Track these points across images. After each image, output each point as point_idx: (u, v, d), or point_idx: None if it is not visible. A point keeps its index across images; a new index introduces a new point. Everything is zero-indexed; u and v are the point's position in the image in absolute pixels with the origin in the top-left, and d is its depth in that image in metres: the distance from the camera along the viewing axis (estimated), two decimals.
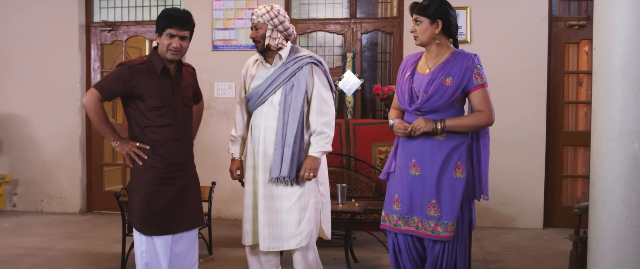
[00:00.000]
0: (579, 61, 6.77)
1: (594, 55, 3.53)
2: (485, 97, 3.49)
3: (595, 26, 3.54)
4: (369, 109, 7.17)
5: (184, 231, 3.88)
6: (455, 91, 3.46)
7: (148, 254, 3.79)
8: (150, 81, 3.71)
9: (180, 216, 3.82)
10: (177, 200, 3.80)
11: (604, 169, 3.41)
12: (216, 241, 5.77)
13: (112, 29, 7.52)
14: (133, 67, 3.71)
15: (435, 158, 3.48)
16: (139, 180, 3.76)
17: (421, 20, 3.52)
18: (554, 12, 6.66)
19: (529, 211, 6.58)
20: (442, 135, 3.48)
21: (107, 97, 3.71)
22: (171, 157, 3.76)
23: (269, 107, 3.95)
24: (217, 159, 6.97)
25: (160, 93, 3.71)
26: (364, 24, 7.05)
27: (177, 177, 3.80)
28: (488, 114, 3.49)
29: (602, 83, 3.44)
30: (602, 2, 3.46)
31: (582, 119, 6.77)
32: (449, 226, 3.45)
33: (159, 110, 3.70)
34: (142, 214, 3.74)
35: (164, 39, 3.70)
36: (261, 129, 3.96)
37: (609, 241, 3.39)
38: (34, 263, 5.27)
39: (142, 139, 3.74)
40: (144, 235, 3.77)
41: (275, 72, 3.95)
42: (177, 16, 3.70)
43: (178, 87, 3.82)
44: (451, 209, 3.46)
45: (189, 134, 3.95)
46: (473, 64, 3.49)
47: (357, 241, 5.48)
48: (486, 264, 5.21)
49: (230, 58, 7.00)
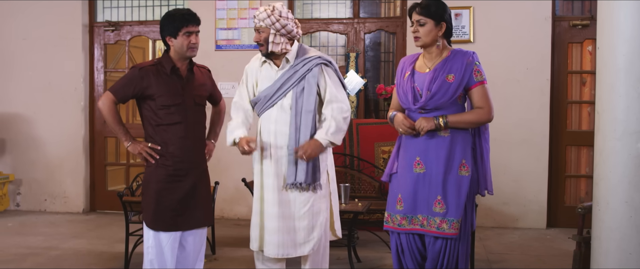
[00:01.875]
0: (582, 61, 6.76)
1: (597, 55, 3.53)
2: (484, 93, 3.54)
3: (598, 26, 3.54)
4: (372, 109, 7.17)
5: (193, 228, 3.95)
6: (458, 87, 3.50)
7: (154, 250, 3.85)
8: (160, 81, 3.82)
9: (189, 213, 3.90)
10: (186, 197, 3.87)
11: (607, 169, 3.40)
12: (219, 240, 5.77)
13: (115, 28, 7.52)
14: (143, 69, 3.84)
15: (439, 155, 3.51)
16: (150, 177, 3.88)
17: (425, 22, 3.53)
18: (557, 12, 6.65)
19: (532, 210, 6.57)
20: (446, 131, 3.50)
21: (121, 99, 3.85)
22: (181, 155, 3.85)
23: (279, 111, 3.86)
24: (220, 159, 6.98)
25: (169, 92, 3.81)
26: (367, 23, 7.05)
27: (187, 174, 3.88)
28: (488, 110, 3.53)
29: (605, 83, 3.43)
30: (605, 2, 3.45)
31: (586, 119, 6.77)
32: (454, 223, 3.47)
33: (168, 108, 3.81)
34: (152, 209, 3.84)
35: (182, 39, 3.80)
36: (271, 134, 3.87)
37: (612, 241, 3.39)
38: (38, 262, 5.28)
39: (154, 137, 3.85)
40: (152, 230, 3.84)
41: (284, 75, 3.85)
42: (190, 14, 3.83)
43: (189, 86, 3.91)
44: (457, 206, 3.48)
45: (201, 132, 4.02)
46: (473, 61, 3.55)
47: (360, 241, 5.48)
48: (489, 264, 5.21)
49: (234, 58, 7.00)
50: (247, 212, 6.92)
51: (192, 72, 3.96)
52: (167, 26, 3.84)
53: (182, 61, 3.91)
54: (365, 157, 5.81)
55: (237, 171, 6.67)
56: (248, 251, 5.47)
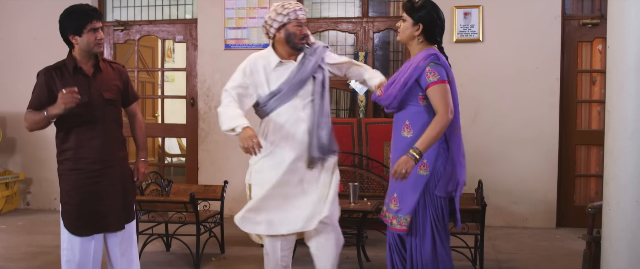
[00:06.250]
0: (592, 60, 6.73)
1: (608, 54, 3.52)
2: (437, 94, 3.40)
3: (609, 25, 3.53)
4: (380, 108, 7.16)
5: (113, 230, 3.83)
6: (402, 87, 3.44)
7: (69, 252, 3.76)
8: (65, 82, 3.67)
9: (107, 214, 3.76)
10: (104, 199, 3.75)
11: (618, 168, 3.40)
12: (228, 239, 5.78)
13: (124, 28, 7.55)
14: (48, 72, 3.73)
15: (400, 155, 3.46)
16: (65, 183, 3.74)
17: (405, 18, 3.55)
18: (567, 11, 6.63)
19: (541, 210, 6.55)
20: (410, 132, 3.49)
21: (40, 109, 3.70)
22: (93, 156, 3.72)
23: (300, 100, 3.90)
24: (229, 158, 7.00)
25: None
26: (376, 23, 7.05)
27: (101, 175, 3.74)
28: (443, 112, 3.39)
29: (616, 82, 3.42)
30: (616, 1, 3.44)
31: (596, 118, 6.74)
32: (402, 219, 3.49)
33: (76, 109, 3.60)
34: (71, 214, 3.72)
35: (88, 35, 3.67)
36: (292, 123, 3.88)
37: (623, 241, 3.38)
38: (48, 261, 5.30)
39: (64, 143, 3.73)
40: (71, 234, 3.73)
41: (304, 65, 3.92)
42: (93, 9, 3.72)
43: (95, 84, 3.76)
44: (408, 203, 3.47)
45: (116, 131, 3.86)
46: (425, 63, 3.42)
47: (369, 240, 5.47)
48: (499, 263, 5.20)
49: (243, 57, 6.84)
50: None
51: (99, 69, 3.80)
52: (69, 24, 3.69)
53: (87, 59, 3.75)
54: (374, 156, 5.81)
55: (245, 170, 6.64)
56: (257, 250, 5.48)
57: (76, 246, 3.74)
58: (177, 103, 8.37)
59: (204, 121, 7.18)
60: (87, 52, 3.74)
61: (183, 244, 5.26)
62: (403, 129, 3.53)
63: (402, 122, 3.54)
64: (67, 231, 3.74)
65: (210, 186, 5.66)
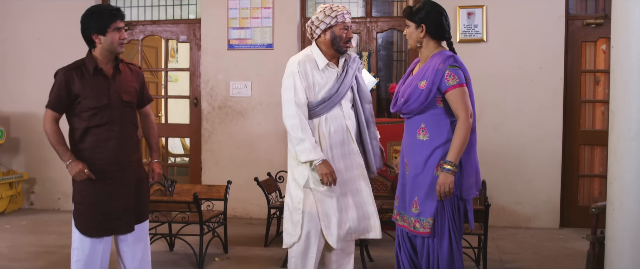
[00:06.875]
0: (596, 60, 6.72)
1: (612, 54, 3.51)
2: (457, 98, 3.42)
3: (613, 25, 3.52)
4: (384, 108, 7.16)
5: (123, 233, 3.84)
6: (428, 94, 3.45)
7: (80, 252, 3.76)
8: (85, 83, 3.69)
9: (118, 217, 3.77)
10: (118, 201, 3.76)
11: (621, 169, 3.39)
12: (231, 239, 5.78)
13: (128, 28, 7.55)
14: (68, 71, 3.72)
15: (418, 158, 3.51)
16: (79, 183, 3.73)
17: (408, 24, 3.60)
18: (571, 11, 6.62)
19: (545, 210, 6.54)
20: (426, 134, 3.50)
21: (61, 109, 3.73)
22: (109, 157, 3.72)
23: (346, 104, 3.98)
24: (233, 158, 7.01)
25: (94, 93, 3.69)
26: (379, 23, 7.05)
27: (116, 176, 3.75)
28: (464, 118, 3.41)
29: (620, 82, 3.41)
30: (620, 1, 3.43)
31: (599, 118, 6.73)
32: (425, 222, 3.49)
33: (94, 110, 3.67)
34: (83, 215, 3.73)
35: (112, 35, 3.70)
36: (345, 130, 3.96)
37: (626, 241, 3.37)
38: (52, 261, 5.31)
39: (82, 142, 3.72)
40: (82, 235, 3.74)
41: (347, 71, 3.98)
42: (117, 9, 3.76)
43: (115, 86, 3.77)
44: (429, 206, 3.48)
45: (132, 132, 3.87)
46: (444, 67, 3.44)
47: (372, 240, 5.46)
48: (502, 263, 5.19)
49: (246, 57, 7.01)
50: (259, 211, 6.94)
51: (118, 70, 3.82)
52: (93, 23, 3.70)
53: (107, 60, 3.77)
54: None
55: (249, 170, 6.68)
56: (260, 250, 5.49)
57: (86, 246, 3.75)
58: (180, 103, 8.37)
59: (208, 121, 7.18)
60: (110, 52, 3.75)
61: (186, 244, 5.26)
62: (418, 132, 3.54)
63: (417, 125, 3.55)
64: (78, 231, 3.75)
65: (213, 186, 5.66)
